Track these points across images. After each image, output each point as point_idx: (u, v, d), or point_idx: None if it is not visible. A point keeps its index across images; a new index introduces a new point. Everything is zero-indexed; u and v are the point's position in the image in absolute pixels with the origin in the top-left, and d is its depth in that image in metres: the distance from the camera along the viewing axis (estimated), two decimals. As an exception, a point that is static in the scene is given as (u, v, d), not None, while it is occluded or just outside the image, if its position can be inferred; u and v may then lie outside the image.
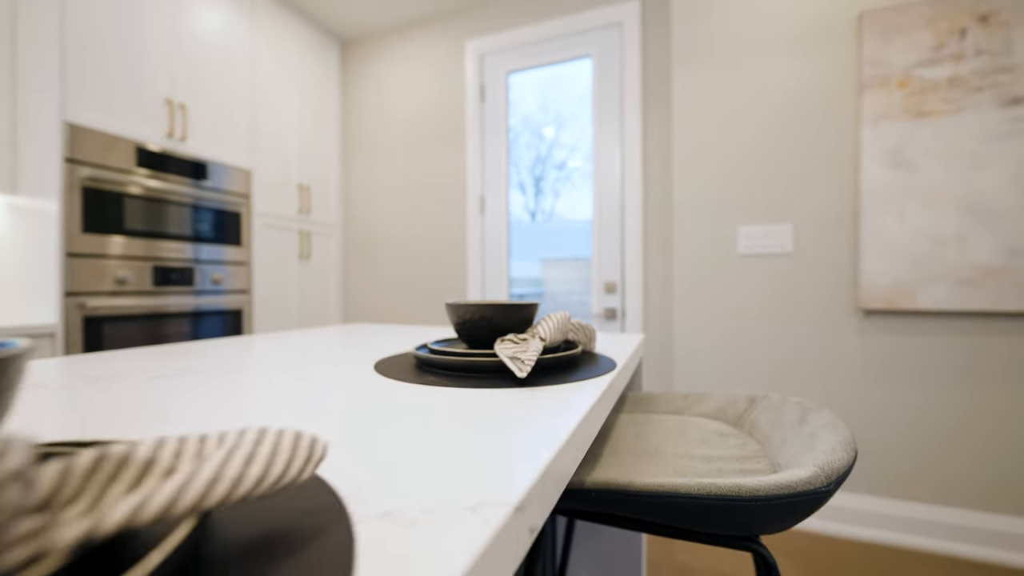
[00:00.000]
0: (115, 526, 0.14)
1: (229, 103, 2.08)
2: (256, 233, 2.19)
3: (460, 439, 0.33)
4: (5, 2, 1.60)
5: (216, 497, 0.17)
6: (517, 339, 0.57)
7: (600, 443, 0.65)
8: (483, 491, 0.24)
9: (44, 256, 1.53)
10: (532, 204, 2.43)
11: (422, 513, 0.22)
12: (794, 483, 0.43)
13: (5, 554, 0.12)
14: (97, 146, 1.61)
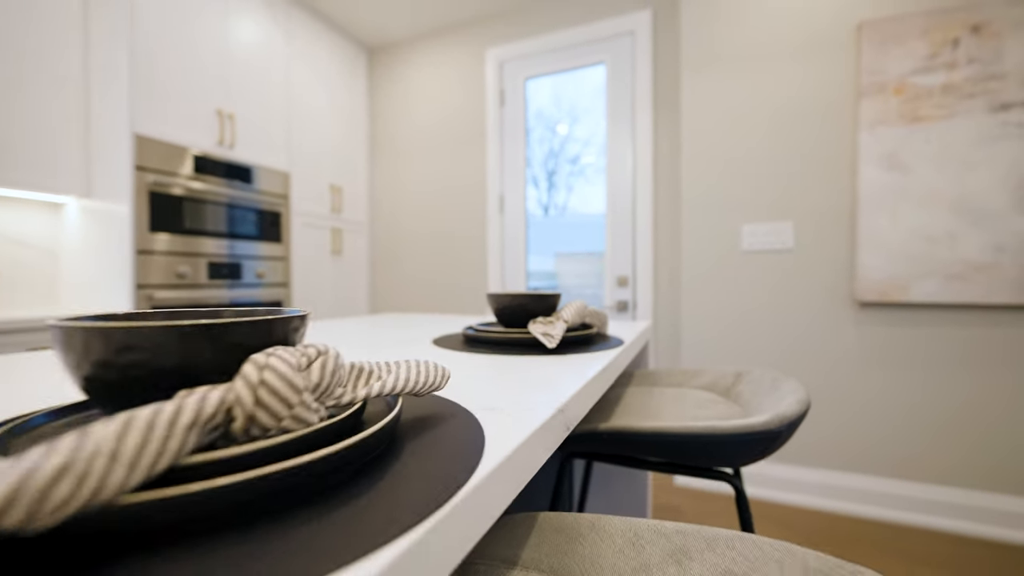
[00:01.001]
0: (378, 392, 0.30)
1: (269, 111, 2.26)
2: (294, 231, 2.38)
3: (517, 379, 0.48)
4: (78, 29, 1.79)
5: (408, 388, 0.33)
6: (545, 321, 0.72)
7: (611, 406, 0.80)
8: (539, 401, 0.40)
9: (118, 253, 1.73)
10: (545, 199, 2.57)
11: (508, 407, 0.38)
12: (754, 425, 0.58)
13: (331, 402, 0.28)
14: (160, 154, 1.80)
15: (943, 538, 1.58)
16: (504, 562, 0.37)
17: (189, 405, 0.20)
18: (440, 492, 0.22)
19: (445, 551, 0.21)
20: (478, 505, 0.24)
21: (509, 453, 0.28)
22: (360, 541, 0.18)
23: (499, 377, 0.50)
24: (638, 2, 2.24)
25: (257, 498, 0.20)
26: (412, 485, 0.23)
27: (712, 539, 0.33)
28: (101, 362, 0.23)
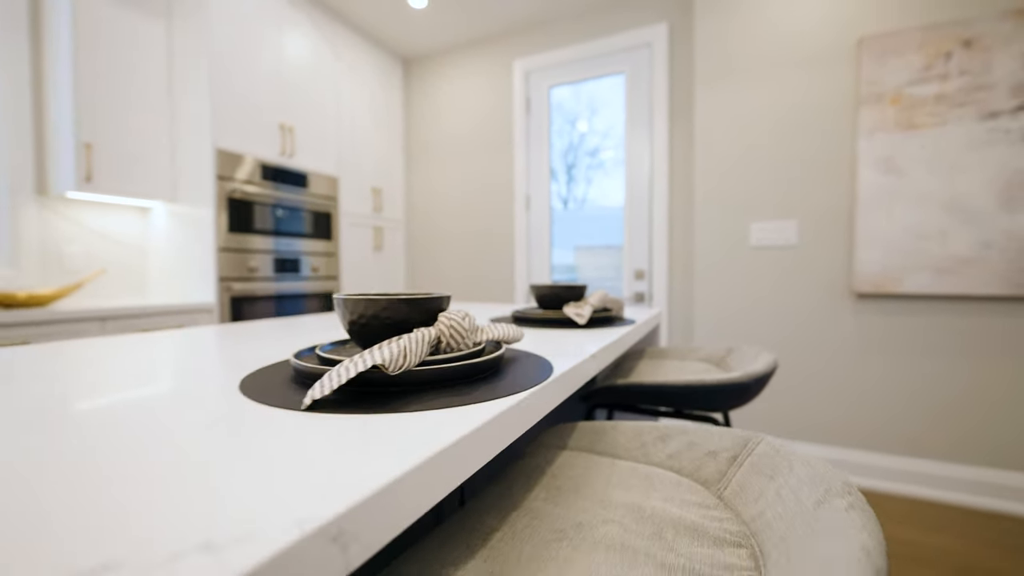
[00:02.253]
0: (494, 337, 0.54)
1: (321, 122, 2.53)
2: (342, 230, 2.65)
3: (559, 343, 0.71)
4: (162, 59, 2.08)
5: (507, 337, 0.56)
6: (576, 305, 0.95)
7: (627, 372, 1.03)
8: (576, 352, 0.63)
9: (203, 251, 2.03)
10: (564, 192, 2.77)
11: (558, 355, 0.61)
12: (731, 378, 0.80)
13: (475, 339, 0.52)
14: (235, 165, 2.08)
15: (936, 507, 1.76)
16: (558, 447, 0.60)
17: (424, 334, 0.44)
18: (535, 381, 0.46)
19: (538, 408, 0.44)
20: (551, 393, 0.47)
21: (566, 370, 0.52)
22: (498, 393, 0.41)
23: (547, 342, 0.73)
24: (655, 16, 2.42)
25: (450, 376, 0.44)
26: (519, 379, 0.47)
27: (683, 429, 0.56)
28: (367, 316, 0.47)
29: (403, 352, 0.40)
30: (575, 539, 0.41)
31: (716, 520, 0.44)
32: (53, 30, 1.84)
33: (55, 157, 1.86)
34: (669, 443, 0.55)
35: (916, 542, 1.54)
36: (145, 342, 0.75)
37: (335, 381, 0.36)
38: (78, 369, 0.54)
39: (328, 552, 0.21)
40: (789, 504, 0.39)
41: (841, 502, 0.34)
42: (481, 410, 0.37)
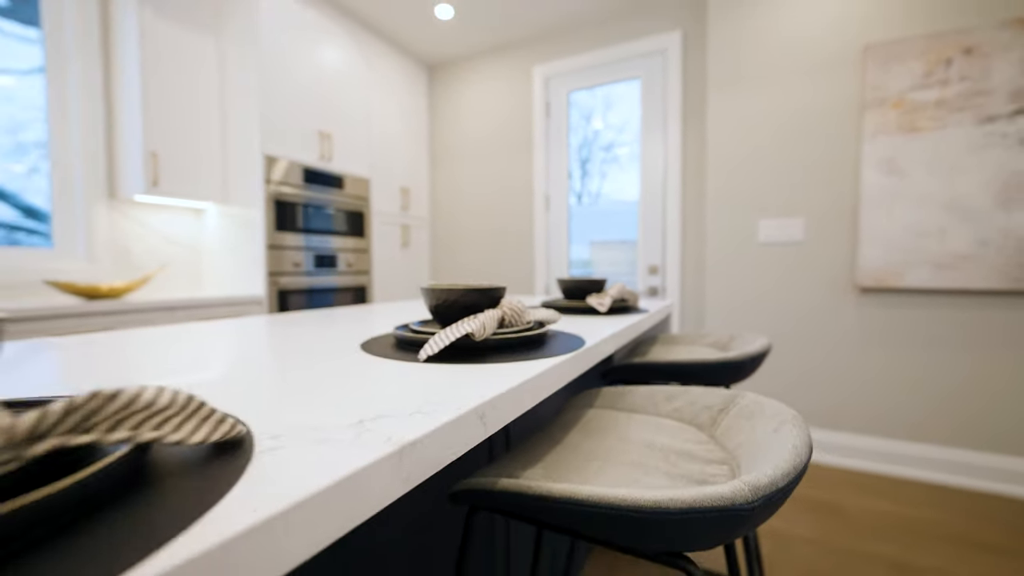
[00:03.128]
0: (540, 319, 0.70)
1: (355, 127, 2.72)
2: (374, 228, 2.84)
3: (586, 326, 0.88)
4: (214, 74, 2.27)
5: (549, 319, 0.73)
6: (598, 296, 1.11)
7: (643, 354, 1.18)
8: (599, 333, 0.79)
9: (253, 248, 2.23)
10: (579, 186, 2.90)
11: (587, 334, 0.77)
12: (728, 357, 0.95)
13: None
14: (280, 169, 2.28)
15: (935, 489, 1.88)
16: (586, 406, 0.77)
17: (494, 314, 0.60)
18: (572, 348, 0.62)
19: (576, 366, 0.60)
20: (583, 358, 0.64)
21: (593, 344, 0.68)
22: (549, 355, 0.58)
23: (575, 325, 0.90)
24: (670, 24, 2.54)
25: (515, 343, 0.60)
26: (561, 347, 0.63)
27: (686, 390, 0.72)
28: (450, 300, 0.64)
29: (483, 325, 0.57)
30: (605, 460, 0.58)
31: (707, 450, 0.60)
32: (122, 51, 2.05)
33: (125, 165, 2.08)
34: (674, 401, 0.71)
35: (917, 518, 1.67)
36: (253, 326, 0.93)
37: (443, 342, 0.53)
38: (242, 341, 0.72)
39: (475, 422, 0.37)
40: (758, 434, 0.55)
41: (789, 427, 0.50)
42: (540, 363, 0.53)
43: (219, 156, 2.31)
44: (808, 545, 1.53)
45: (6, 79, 1.86)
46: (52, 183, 2.01)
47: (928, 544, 1.52)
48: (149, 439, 0.23)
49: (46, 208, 2.00)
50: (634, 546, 0.42)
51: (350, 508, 0.25)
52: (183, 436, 0.25)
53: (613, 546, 0.45)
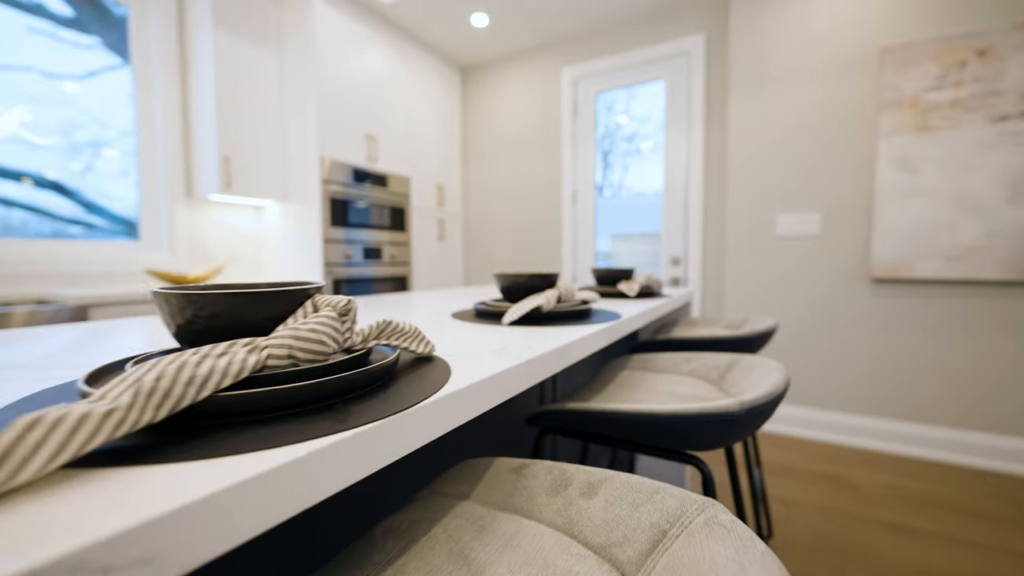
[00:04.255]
0: (584, 299, 0.90)
1: (396, 128, 2.94)
2: (413, 222, 3.07)
3: (620, 306, 1.07)
4: (275, 84, 2.52)
5: (591, 299, 0.92)
6: (627, 282, 1.30)
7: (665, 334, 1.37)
8: (628, 313, 0.98)
9: (311, 241, 2.48)
10: (600, 178, 3.05)
11: (625, 311, 0.97)
12: (740, 334, 1.13)
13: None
14: (333, 170, 2.52)
15: (938, 466, 2.02)
16: (621, 368, 0.96)
17: (554, 292, 0.80)
18: (612, 319, 0.82)
19: (616, 332, 0.80)
20: (621, 327, 0.83)
21: (629, 316, 0.88)
22: (597, 322, 0.78)
23: (609, 306, 1.09)
24: (693, 27, 2.67)
25: (572, 314, 0.80)
26: (604, 318, 0.82)
27: (700, 355, 0.91)
28: (518, 283, 0.85)
29: (547, 300, 0.77)
30: (641, 397, 0.77)
31: (715, 395, 0.79)
32: (198, 68, 2.31)
33: (201, 168, 2.35)
34: (691, 363, 0.90)
35: (920, 490, 1.82)
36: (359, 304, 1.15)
37: (521, 311, 0.73)
38: (366, 312, 0.94)
39: (557, 358, 0.58)
40: (753, 382, 0.74)
41: (775, 373, 0.69)
42: (590, 327, 0.73)
43: (279, 158, 2.56)
44: (816, 511, 1.69)
45: (69, 84, 2.07)
46: (140, 186, 2.30)
47: (928, 511, 1.67)
48: (406, 347, 0.44)
49: (104, 204, 2.21)
50: (660, 445, 0.62)
51: (508, 387, 0.46)
52: (419, 348, 0.46)
53: (645, 448, 0.65)
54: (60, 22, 2.05)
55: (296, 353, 0.33)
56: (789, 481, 1.91)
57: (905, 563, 1.41)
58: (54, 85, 2.04)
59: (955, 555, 1.45)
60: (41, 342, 0.63)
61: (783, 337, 2.38)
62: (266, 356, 0.32)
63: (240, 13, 2.35)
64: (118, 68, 2.22)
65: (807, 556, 1.44)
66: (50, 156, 2.04)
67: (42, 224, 2.02)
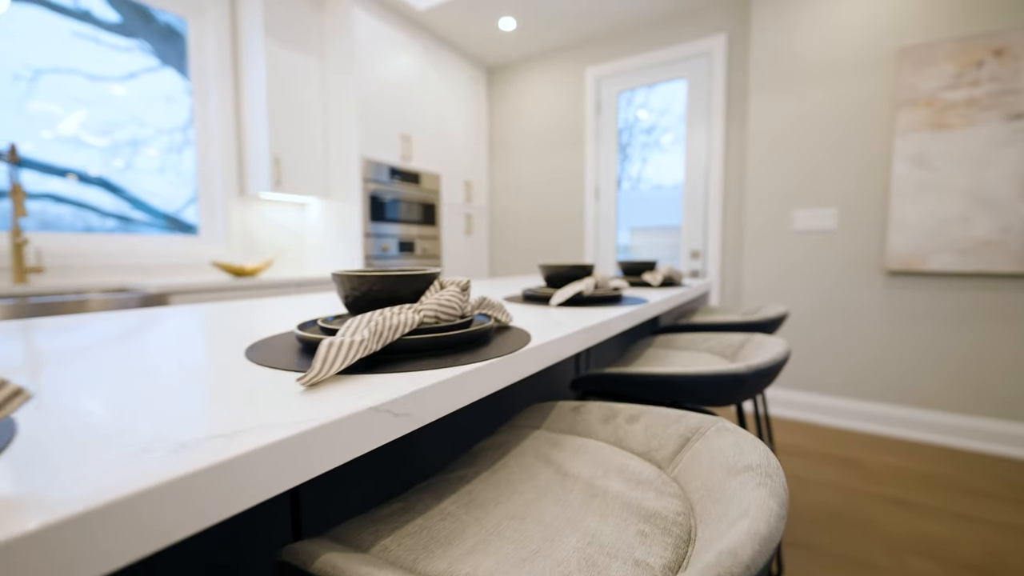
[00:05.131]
0: (617, 286, 1.05)
1: (427, 128, 3.10)
2: (443, 217, 3.25)
3: (645, 293, 1.22)
4: (318, 89, 2.71)
5: (624, 288, 1.07)
6: (651, 273, 1.44)
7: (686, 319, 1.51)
8: (652, 300, 1.13)
9: (352, 235, 2.68)
10: (618, 171, 3.16)
11: (649, 298, 1.12)
12: (751, 319, 1.27)
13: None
14: (372, 168, 2.70)
15: (946, 451, 2.11)
16: (646, 347, 1.11)
17: (592, 279, 0.96)
18: (639, 303, 0.96)
19: (642, 315, 0.95)
20: (647, 310, 0.98)
21: (654, 301, 1.02)
22: (629, 305, 0.93)
23: (636, 294, 1.24)
24: (715, 28, 2.76)
25: (608, 298, 0.95)
26: (632, 301, 0.97)
27: (717, 335, 1.05)
28: (560, 272, 1.00)
29: (587, 286, 0.92)
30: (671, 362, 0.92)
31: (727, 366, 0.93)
32: (250, 76, 2.50)
33: (253, 168, 2.55)
34: (708, 341, 1.05)
35: (926, 471, 1.93)
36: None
37: (566, 295, 0.89)
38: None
39: (602, 329, 0.73)
40: (761, 355, 0.88)
41: (779, 347, 0.83)
42: (623, 308, 0.88)
43: (322, 158, 2.76)
44: (825, 487, 1.82)
45: (110, 86, 2.19)
46: (198, 185, 2.52)
47: (934, 490, 1.78)
48: (498, 317, 0.61)
49: (146, 199, 2.35)
50: (682, 402, 0.77)
51: (570, 347, 0.61)
52: (502, 318, 0.62)
53: (670, 405, 0.80)
54: (104, 27, 2.17)
55: (440, 315, 0.49)
56: (801, 460, 2.03)
57: (909, 533, 1.53)
58: (97, 87, 2.16)
59: (958, 527, 1.56)
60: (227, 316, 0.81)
61: (799, 327, 2.48)
62: (422, 316, 0.48)
63: (288, 23, 2.53)
64: (155, 70, 2.35)
65: (816, 525, 1.58)
66: (94, 154, 2.17)
67: (90, 219, 2.16)
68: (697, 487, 0.42)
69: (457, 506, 0.44)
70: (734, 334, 1.03)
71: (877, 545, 1.47)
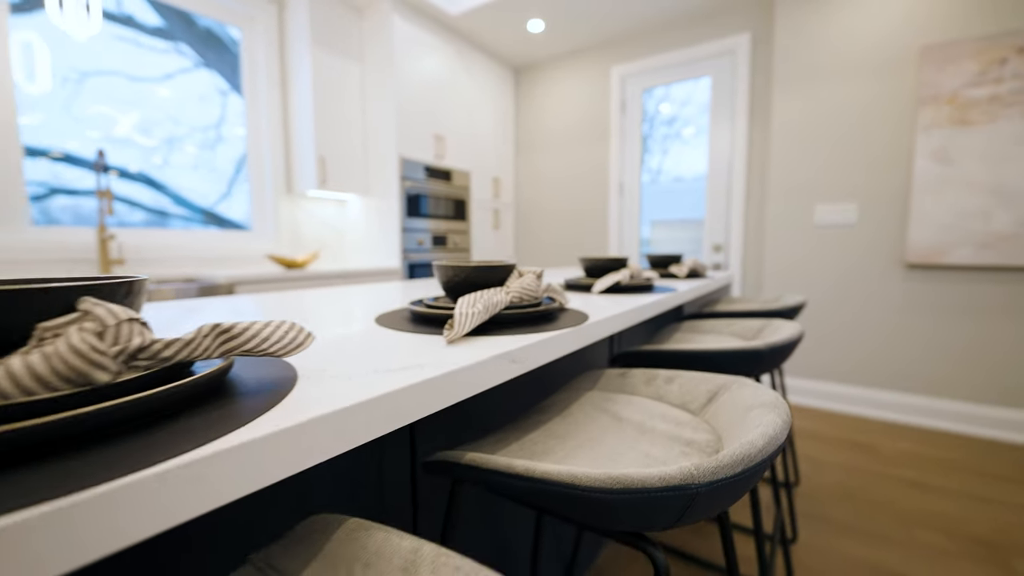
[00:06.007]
0: (648, 277, 1.19)
1: (459, 128, 3.25)
2: (473, 213, 3.40)
3: (672, 284, 1.35)
4: (358, 92, 2.88)
5: (655, 279, 1.21)
6: (677, 265, 1.57)
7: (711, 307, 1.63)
8: (683, 287, 1.26)
9: (391, 230, 2.85)
10: (639, 163, 3.24)
11: (675, 288, 1.25)
12: (771, 307, 1.39)
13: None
14: (408, 167, 2.86)
15: (961, 438, 2.19)
16: (675, 330, 1.25)
17: (627, 271, 1.10)
18: (669, 292, 1.10)
19: (671, 302, 1.09)
20: (675, 297, 1.12)
21: (681, 291, 1.16)
22: (658, 293, 1.06)
23: (664, 283, 1.37)
24: (739, 27, 2.83)
25: (642, 287, 1.10)
26: (663, 290, 1.11)
27: (740, 321, 1.18)
28: (598, 264, 1.14)
29: (624, 277, 1.06)
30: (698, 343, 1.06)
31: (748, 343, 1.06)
32: (298, 82, 2.69)
33: (300, 167, 2.75)
34: (732, 326, 1.18)
35: (940, 456, 2.01)
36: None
37: (606, 284, 1.03)
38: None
39: (637, 312, 0.87)
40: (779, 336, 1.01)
41: (794, 329, 0.96)
42: (655, 296, 1.02)
43: (361, 157, 2.93)
44: (841, 470, 1.92)
45: (150, 86, 2.31)
46: (250, 184, 2.72)
47: (948, 473, 1.87)
48: (560, 300, 0.76)
49: (186, 196, 2.48)
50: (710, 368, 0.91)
51: (619, 324, 0.76)
52: (564, 301, 0.77)
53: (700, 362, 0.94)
54: (145, 31, 2.29)
55: (523, 296, 0.64)
56: (818, 444, 2.14)
57: (920, 510, 1.63)
58: (138, 88, 2.26)
59: (969, 506, 1.66)
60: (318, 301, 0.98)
61: (819, 318, 2.57)
62: (510, 297, 0.63)
63: (332, 31, 2.71)
64: (189, 71, 2.47)
65: (830, 502, 1.69)
66: (135, 152, 2.29)
67: (135, 214, 2.30)
68: (724, 424, 0.57)
69: (542, 436, 0.59)
70: (754, 320, 1.16)
71: (889, 520, 1.58)
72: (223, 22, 2.56)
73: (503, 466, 0.42)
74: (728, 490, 0.39)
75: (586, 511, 0.40)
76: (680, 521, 0.40)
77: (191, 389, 0.30)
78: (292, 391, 0.35)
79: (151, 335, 0.30)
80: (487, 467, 0.44)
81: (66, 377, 0.26)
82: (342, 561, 0.32)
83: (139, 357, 0.29)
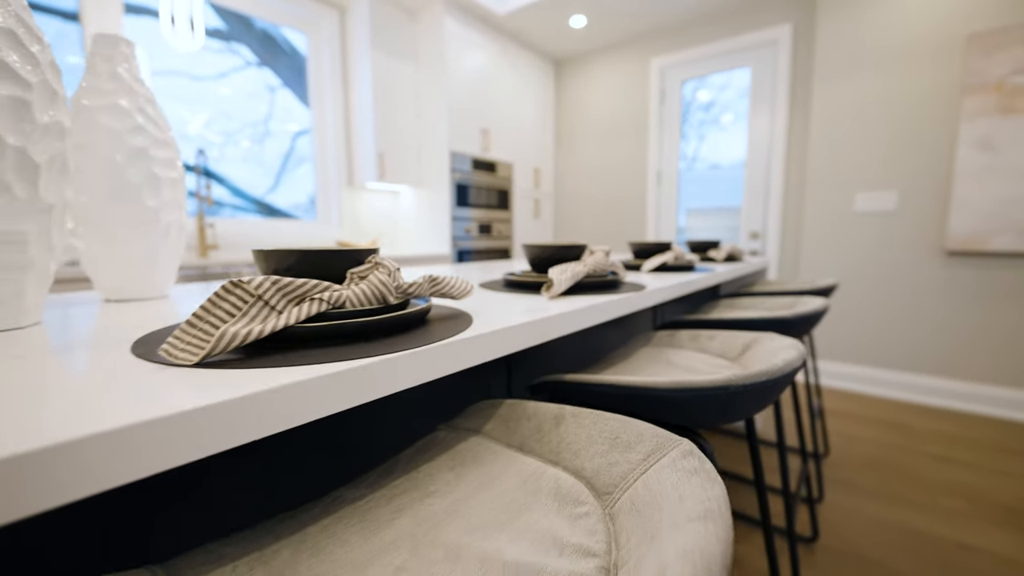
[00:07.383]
0: (690, 259, 1.35)
1: (503, 121, 3.43)
2: (515, 202, 3.59)
3: (710, 266, 1.50)
4: (411, 90, 3.09)
5: (695, 261, 1.37)
6: (716, 250, 1.72)
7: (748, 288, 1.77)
8: (720, 269, 1.41)
9: (441, 219, 3.08)
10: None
11: (714, 270, 1.41)
12: (804, 288, 1.52)
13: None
14: (457, 159, 3.07)
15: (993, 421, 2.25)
16: (713, 307, 1.41)
17: (671, 254, 1.26)
18: (706, 272, 1.26)
19: (707, 281, 1.25)
20: (711, 277, 1.28)
21: (719, 271, 1.31)
22: (692, 272, 1.22)
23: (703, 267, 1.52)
24: (780, 17, 2.87)
25: (682, 267, 1.26)
26: (703, 270, 1.27)
27: (774, 298, 1.33)
28: (644, 249, 1.31)
29: (670, 258, 1.23)
30: (733, 313, 1.22)
31: (775, 315, 1.22)
32: (359, 82, 2.92)
33: (361, 162, 3.00)
34: (768, 302, 1.33)
35: (969, 436, 2.09)
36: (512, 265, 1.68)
37: (654, 264, 1.21)
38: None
39: (676, 291, 1.05)
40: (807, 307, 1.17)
41: (819, 303, 1.11)
42: (698, 275, 1.19)
43: (415, 151, 3.16)
44: (870, 443, 2.03)
45: (208, 85, 2.49)
46: (316, 177, 3.00)
47: (972, 449, 1.96)
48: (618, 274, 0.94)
49: (244, 188, 2.68)
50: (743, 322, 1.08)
51: (672, 293, 0.94)
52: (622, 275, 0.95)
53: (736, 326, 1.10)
54: (207, 33, 2.43)
55: (597, 269, 0.83)
56: (848, 421, 2.24)
57: (944, 480, 1.74)
58: (198, 86, 2.43)
59: (994, 478, 1.75)
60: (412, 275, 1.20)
61: (856, 304, 2.63)
62: (588, 268, 0.82)
63: (389, 34, 2.93)
64: (241, 69, 2.61)
65: (857, 470, 1.82)
66: (191, 145, 2.46)
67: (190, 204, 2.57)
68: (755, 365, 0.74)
69: (613, 373, 0.78)
70: (786, 297, 1.30)
71: (914, 487, 1.70)
72: (292, 27, 2.82)
73: (598, 380, 0.62)
74: (757, 394, 0.57)
75: (658, 408, 0.59)
76: (724, 417, 0.59)
77: (427, 312, 0.51)
78: (475, 321, 0.55)
79: (403, 278, 0.51)
80: (586, 382, 0.63)
81: (377, 298, 0.47)
82: (511, 418, 0.52)
83: (400, 290, 0.50)
